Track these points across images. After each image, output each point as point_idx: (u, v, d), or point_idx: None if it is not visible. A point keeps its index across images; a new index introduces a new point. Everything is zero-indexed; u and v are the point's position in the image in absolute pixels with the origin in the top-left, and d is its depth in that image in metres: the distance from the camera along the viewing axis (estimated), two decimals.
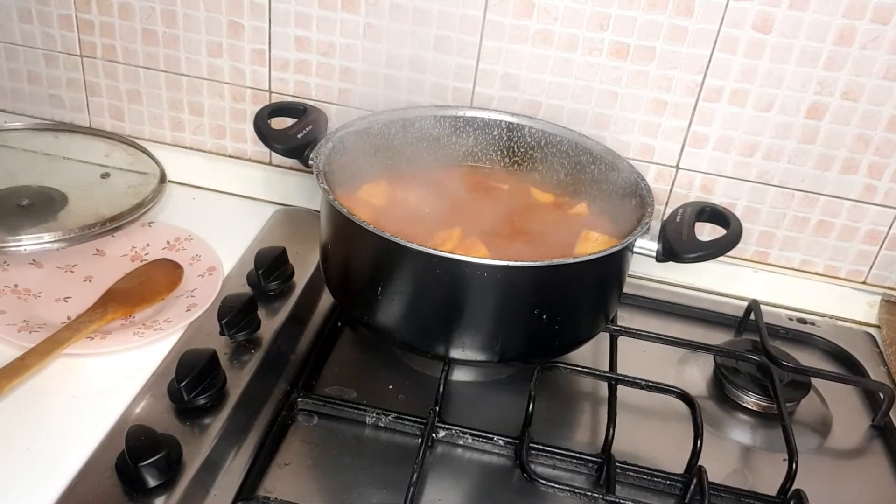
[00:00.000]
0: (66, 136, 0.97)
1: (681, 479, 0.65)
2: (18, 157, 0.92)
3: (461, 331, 0.65)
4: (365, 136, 0.78)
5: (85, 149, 0.94)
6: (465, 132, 0.83)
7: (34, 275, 0.78)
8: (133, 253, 0.82)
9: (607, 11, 0.81)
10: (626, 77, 0.84)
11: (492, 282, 0.62)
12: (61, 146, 0.95)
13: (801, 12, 0.77)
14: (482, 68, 0.86)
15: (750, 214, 0.88)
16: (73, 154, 0.93)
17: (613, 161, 0.78)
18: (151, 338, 0.70)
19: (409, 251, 0.61)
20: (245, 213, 0.93)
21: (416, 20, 0.85)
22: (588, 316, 0.70)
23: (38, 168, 0.90)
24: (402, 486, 0.59)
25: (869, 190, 0.85)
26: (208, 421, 0.63)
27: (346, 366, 0.74)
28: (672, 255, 0.69)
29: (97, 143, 0.96)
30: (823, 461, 0.72)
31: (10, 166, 0.90)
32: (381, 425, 0.67)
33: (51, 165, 0.91)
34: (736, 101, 0.83)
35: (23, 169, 0.90)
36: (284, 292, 0.78)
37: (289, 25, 0.88)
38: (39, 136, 0.96)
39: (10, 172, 0.88)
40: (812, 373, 0.77)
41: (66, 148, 0.95)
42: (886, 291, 0.90)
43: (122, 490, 0.56)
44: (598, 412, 0.73)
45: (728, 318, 0.87)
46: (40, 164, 0.91)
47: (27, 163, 0.91)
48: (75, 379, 0.66)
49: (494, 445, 0.67)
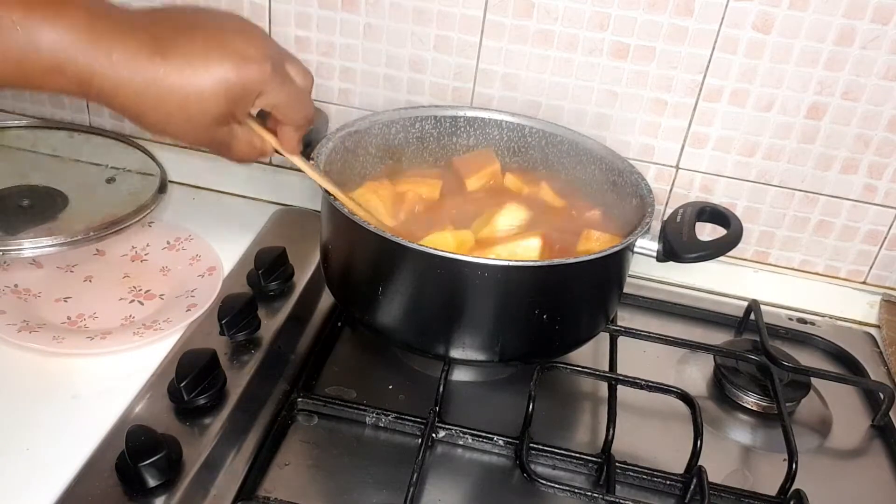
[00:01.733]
0: (82, 137, 0.97)
1: (681, 479, 0.65)
2: (26, 156, 0.92)
3: (461, 330, 0.65)
4: (365, 136, 0.78)
5: (94, 151, 0.94)
6: (465, 132, 0.83)
7: (34, 275, 0.78)
8: (133, 253, 0.82)
9: (607, 11, 0.81)
10: (626, 77, 0.84)
11: (492, 281, 0.62)
12: (75, 147, 0.95)
13: (801, 12, 0.77)
14: (482, 68, 0.86)
15: (750, 214, 0.88)
16: (82, 156, 0.93)
17: (613, 161, 0.78)
18: (151, 338, 0.70)
19: (410, 251, 0.61)
20: (245, 213, 0.93)
21: (416, 20, 0.85)
22: (588, 316, 0.70)
23: (43, 168, 0.90)
24: (402, 486, 0.59)
25: (869, 190, 0.85)
26: (208, 421, 0.63)
27: (346, 366, 0.74)
28: (672, 256, 0.69)
29: (108, 144, 0.95)
30: (823, 461, 0.72)
31: (19, 165, 0.90)
32: (381, 425, 0.67)
33: (57, 166, 0.91)
34: (736, 101, 0.83)
35: (29, 168, 0.90)
36: (284, 292, 0.78)
37: (289, 25, 0.88)
38: (53, 136, 0.96)
39: (16, 171, 0.89)
40: (812, 373, 0.77)
41: (76, 149, 0.94)
42: (886, 291, 0.90)
43: (122, 490, 0.56)
44: (598, 412, 0.73)
45: (728, 318, 0.87)
46: (47, 164, 0.91)
47: (34, 162, 0.92)
48: (75, 379, 0.66)
49: (494, 445, 0.67)
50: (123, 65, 0.44)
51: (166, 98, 0.46)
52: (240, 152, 0.56)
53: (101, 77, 0.44)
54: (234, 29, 0.50)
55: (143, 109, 0.47)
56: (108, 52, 0.44)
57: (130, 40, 0.45)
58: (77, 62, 0.44)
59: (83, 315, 0.74)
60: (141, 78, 0.45)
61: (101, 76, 0.44)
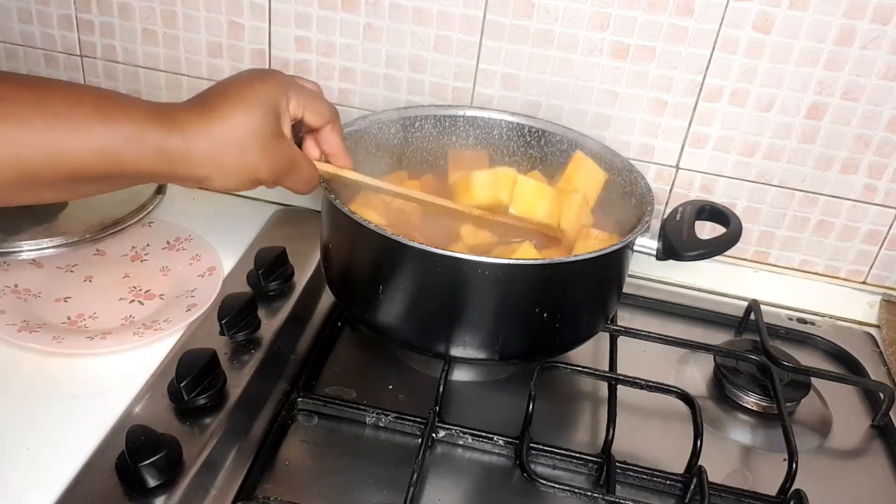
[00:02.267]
0: None
1: (681, 479, 0.65)
2: None
3: (462, 329, 0.65)
4: (365, 135, 0.78)
5: None
6: (465, 132, 0.83)
7: (34, 275, 0.78)
8: (133, 253, 0.82)
9: (607, 11, 0.81)
10: (626, 77, 0.84)
11: (492, 280, 0.62)
12: None
13: (801, 12, 0.77)
14: (482, 68, 0.86)
15: (750, 214, 0.88)
16: None
17: (613, 160, 0.78)
18: (151, 338, 0.70)
19: (410, 249, 0.61)
20: (245, 213, 0.93)
21: (416, 20, 0.85)
22: (588, 314, 0.70)
23: None
24: (402, 486, 0.59)
25: (869, 190, 0.85)
26: (208, 421, 0.63)
27: (346, 366, 0.74)
28: (672, 254, 0.69)
29: None
30: (823, 461, 0.72)
31: None
32: (381, 425, 0.67)
33: None
34: (736, 101, 0.83)
35: None
36: (284, 292, 0.78)
37: (289, 25, 0.88)
38: None
39: None
40: (812, 373, 0.77)
41: None
42: (886, 291, 0.90)
43: (122, 490, 0.56)
44: (598, 412, 0.73)
45: (728, 318, 0.87)
46: None
47: None
48: (75, 379, 0.66)
49: (494, 445, 0.67)
50: (187, 124, 0.53)
51: (227, 135, 0.54)
52: (306, 168, 0.62)
53: (175, 137, 0.52)
54: (247, 71, 0.60)
55: (214, 153, 0.54)
56: (171, 117, 0.53)
57: (183, 109, 0.54)
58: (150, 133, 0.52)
59: (83, 315, 0.74)
60: (201, 128, 0.53)
61: (173, 137, 0.52)
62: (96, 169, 0.50)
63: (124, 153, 0.50)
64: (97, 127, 0.49)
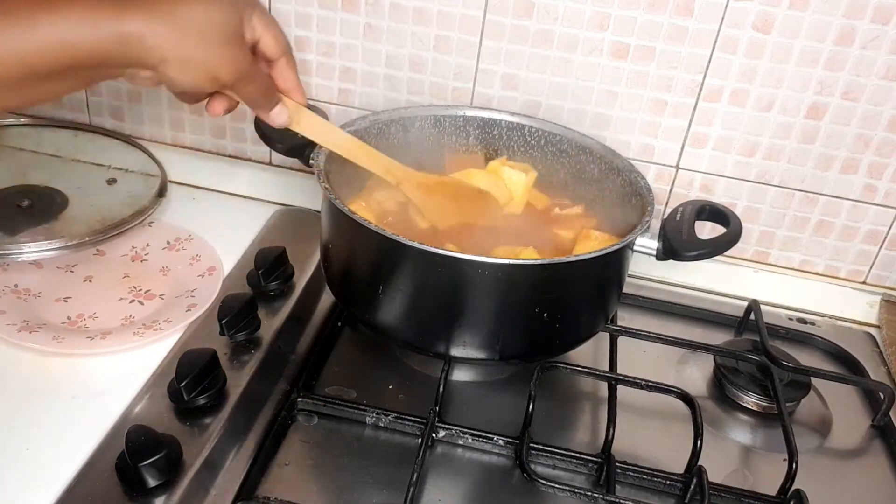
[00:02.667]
0: (82, 136, 0.97)
1: (681, 479, 0.65)
2: (26, 155, 0.92)
3: (462, 329, 0.65)
4: (365, 135, 0.78)
5: (95, 150, 0.94)
6: (465, 132, 0.83)
7: (34, 275, 0.77)
8: (133, 253, 0.82)
9: (607, 11, 0.81)
10: (626, 77, 0.84)
11: (492, 280, 0.62)
12: (75, 146, 0.95)
13: (801, 12, 0.77)
14: (482, 68, 0.86)
15: (750, 214, 0.88)
16: (82, 155, 0.93)
17: (613, 160, 0.78)
18: (151, 338, 0.70)
19: (411, 249, 0.61)
20: (245, 213, 0.93)
21: (416, 20, 0.85)
22: (588, 314, 0.70)
23: (43, 168, 0.90)
24: (402, 486, 0.59)
25: (869, 190, 0.85)
26: (208, 421, 0.63)
27: (346, 366, 0.74)
28: (672, 254, 0.69)
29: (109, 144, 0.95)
30: (823, 461, 0.72)
31: (19, 164, 0.90)
32: (381, 425, 0.67)
33: (57, 166, 0.91)
34: (736, 101, 0.83)
35: (29, 168, 0.90)
36: (284, 292, 0.78)
37: (289, 25, 0.88)
38: (53, 134, 0.96)
39: (16, 171, 0.89)
40: (812, 373, 0.77)
41: (76, 148, 0.94)
42: (886, 291, 0.90)
43: (122, 490, 0.56)
44: (598, 412, 0.73)
45: (728, 318, 0.87)
46: (47, 164, 0.91)
47: (34, 162, 0.91)
48: (75, 379, 0.66)
49: (494, 445, 0.67)
50: (145, 5, 0.50)
51: (189, 21, 0.52)
52: (266, 79, 0.60)
53: (131, 17, 0.50)
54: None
55: (174, 37, 0.52)
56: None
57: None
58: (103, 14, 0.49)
59: (83, 315, 0.74)
60: (163, 8, 0.51)
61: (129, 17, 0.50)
62: (49, 61, 0.48)
63: (76, 40, 0.49)
64: (44, 16, 0.48)
